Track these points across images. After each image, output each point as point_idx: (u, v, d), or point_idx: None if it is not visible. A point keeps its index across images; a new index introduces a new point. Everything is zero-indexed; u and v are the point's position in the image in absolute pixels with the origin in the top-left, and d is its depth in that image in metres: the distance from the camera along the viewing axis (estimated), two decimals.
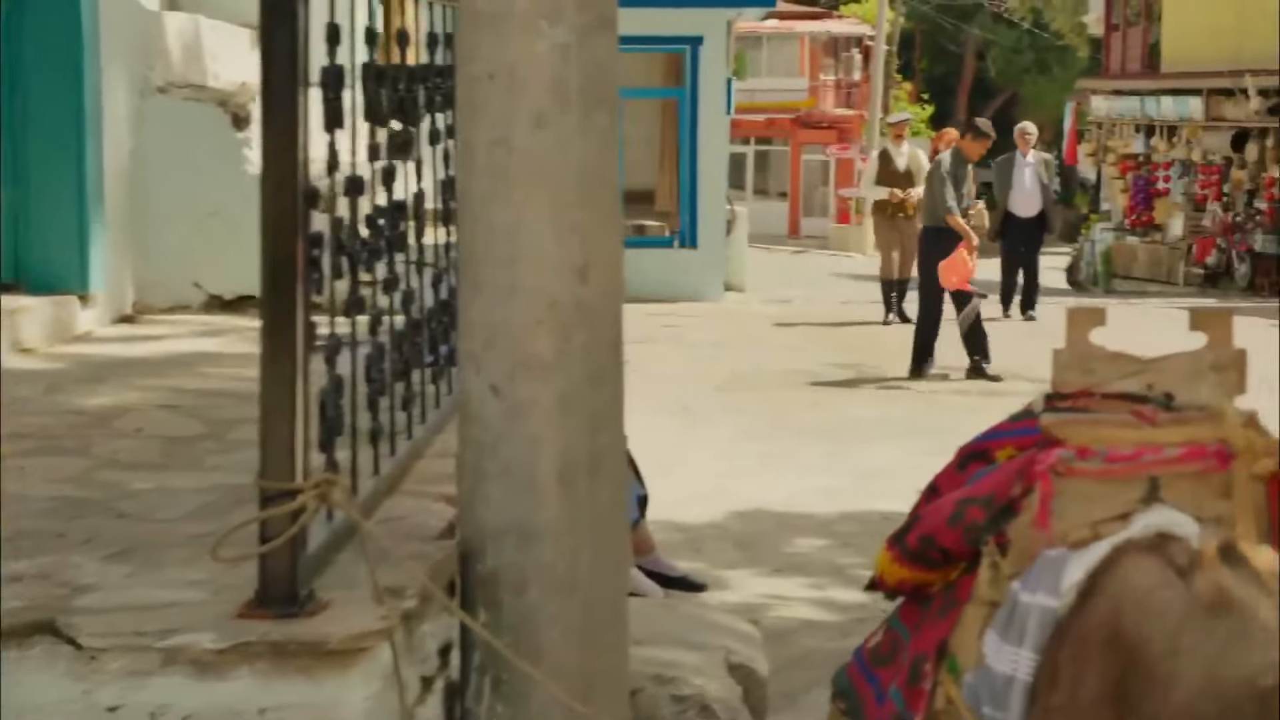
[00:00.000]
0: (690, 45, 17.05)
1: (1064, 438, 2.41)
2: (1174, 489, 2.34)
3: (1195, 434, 2.36)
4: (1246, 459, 2.32)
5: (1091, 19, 33.83)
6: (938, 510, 2.54)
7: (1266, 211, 24.54)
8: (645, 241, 17.76)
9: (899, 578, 2.60)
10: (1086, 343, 2.68)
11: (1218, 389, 2.61)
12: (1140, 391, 2.61)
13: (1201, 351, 2.65)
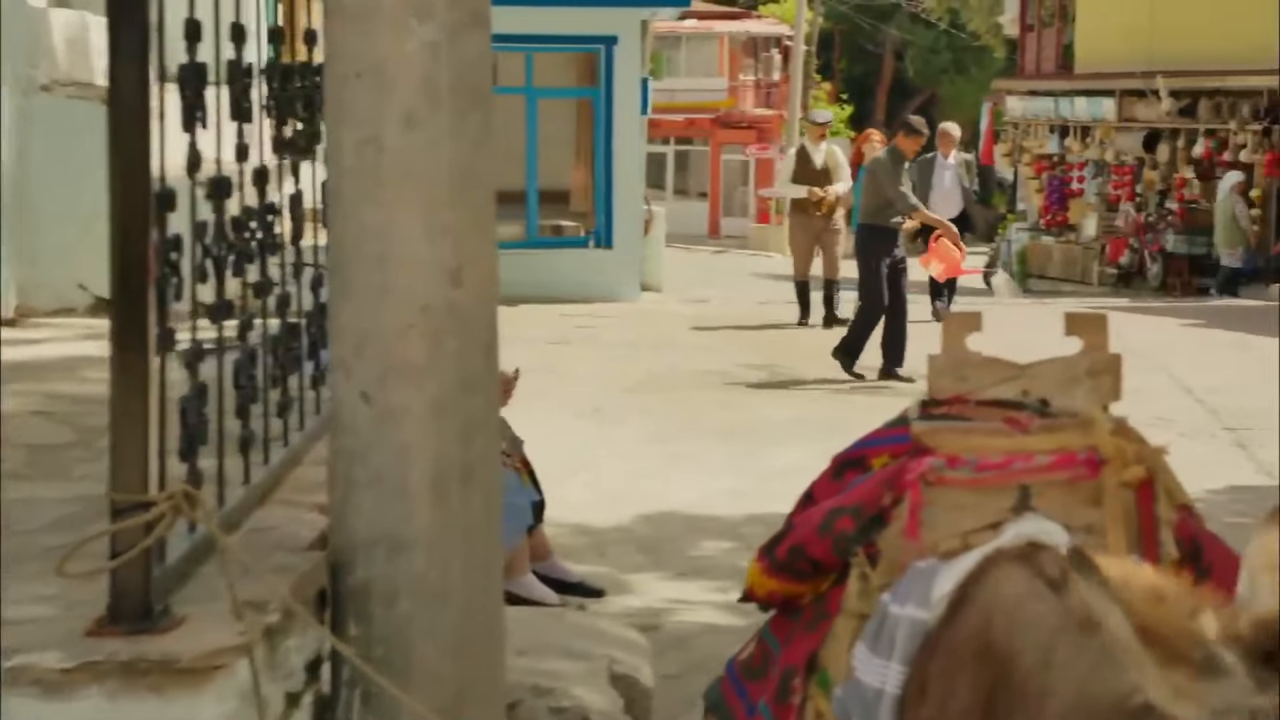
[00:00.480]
0: (605, 45, 16.99)
1: (934, 446, 2.37)
2: (1045, 497, 2.31)
3: (1065, 441, 2.33)
4: (1116, 467, 2.29)
5: (1007, 20, 34.07)
6: (808, 520, 2.50)
7: (1178, 212, 24.79)
8: (561, 242, 17.71)
9: (769, 589, 2.56)
10: (962, 349, 2.65)
11: (1093, 394, 2.59)
12: (1015, 398, 2.59)
13: (1076, 357, 2.63)
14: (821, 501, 2.55)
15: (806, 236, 15.84)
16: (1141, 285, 25.00)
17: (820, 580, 2.47)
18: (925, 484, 2.33)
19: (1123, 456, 2.30)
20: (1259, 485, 8.48)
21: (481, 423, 2.88)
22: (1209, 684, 1.63)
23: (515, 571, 4.85)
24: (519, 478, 4.81)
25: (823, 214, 15.47)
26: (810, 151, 15.81)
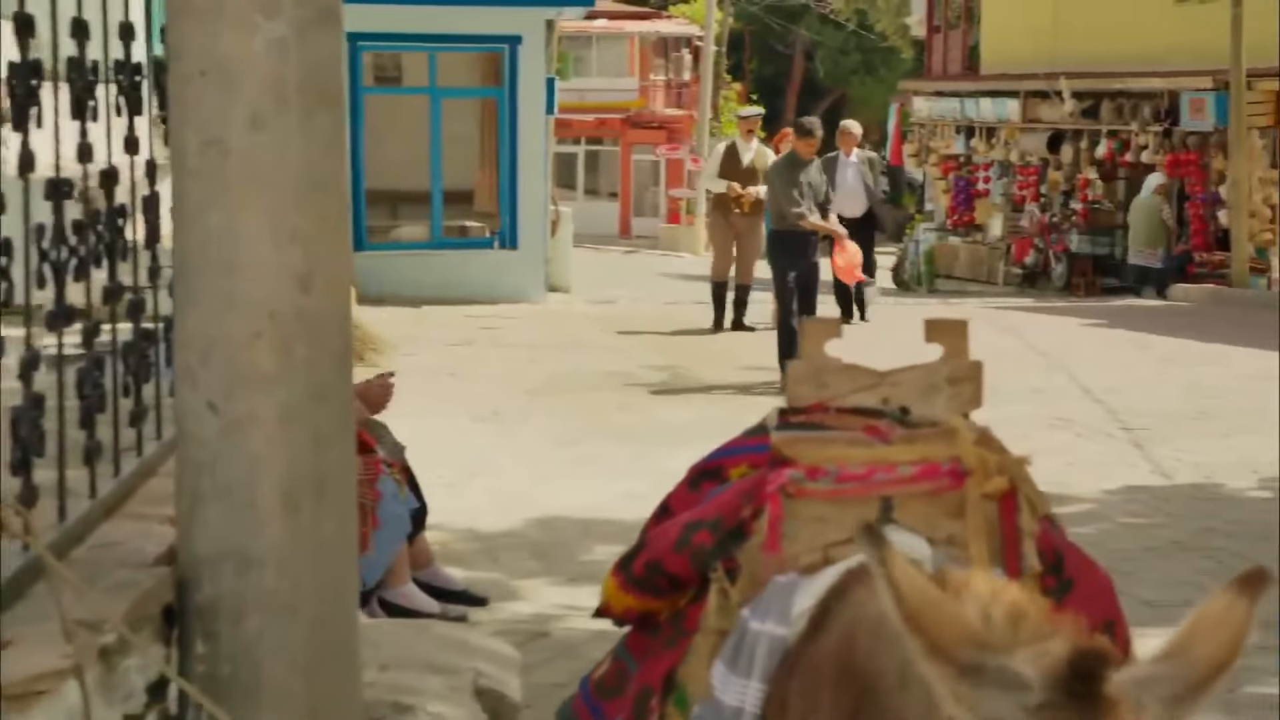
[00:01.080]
0: (509, 45, 16.87)
1: (794, 457, 2.30)
2: (907, 509, 2.24)
3: (928, 452, 2.27)
4: (979, 478, 2.23)
5: (914, 21, 34.27)
6: (664, 534, 2.42)
7: (1081, 212, 24.99)
8: (466, 243, 17.59)
9: (625, 605, 2.48)
10: (822, 355, 2.59)
11: (953, 402, 2.54)
12: (875, 406, 2.53)
13: (937, 364, 2.57)
14: (678, 513, 2.48)
15: (726, 236, 15.44)
16: (1046, 285, 25.19)
17: (678, 596, 2.39)
18: (785, 496, 2.26)
19: (985, 467, 2.24)
20: (1154, 485, 8.52)
21: (334, 432, 2.78)
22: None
23: (395, 580, 4.75)
24: (397, 486, 4.71)
25: (743, 213, 15.03)
26: (740, 149, 15.35)
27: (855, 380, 2.56)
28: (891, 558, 1.66)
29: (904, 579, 1.64)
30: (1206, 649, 1.56)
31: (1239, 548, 7.14)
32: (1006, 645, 1.60)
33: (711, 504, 2.41)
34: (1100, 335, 15.70)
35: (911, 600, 1.62)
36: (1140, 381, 12.12)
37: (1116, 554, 7.11)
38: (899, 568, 1.65)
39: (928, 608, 1.62)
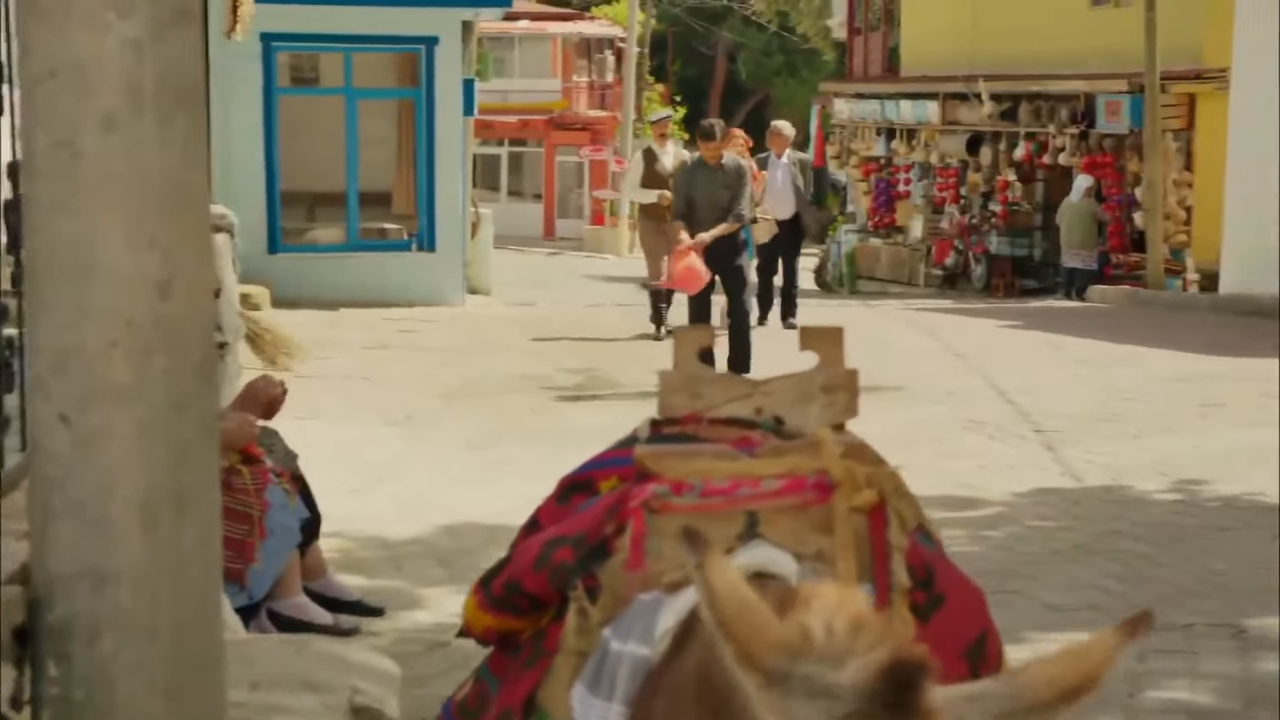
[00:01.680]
0: (425, 45, 16.74)
1: (658, 471, 2.23)
2: (773, 524, 2.18)
3: (794, 465, 2.20)
4: (846, 491, 2.17)
5: (835, 23, 34.36)
6: (526, 552, 2.35)
7: (1000, 214, 25.15)
8: (383, 245, 17.44)
9: (484, 625, 2.40)
10: (695, 364, 2.53)
11: (827, 411, 2.48)
12: (749, 416, 2.46)
13: (811, 373, 2.51)
14: (547, 527, 2.40)
15: (659, 242, 14.82)
16: (966, 286, 25.33)
17: (539, 615, 2.31)
18: (649, 511, 2.19)
19: (853, 480, 2.18)
20: (1063, 487, 8.53)
21: (196, 445, 2.69)
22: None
23: (286, 592, 4.65)
24: (286, 495, 4.60)
25: (665, 219, 14.42)
26: (657, 154, 15.06)
27: (728, 390, 2.50)
28: (710, 563, 1.61)
29: (720, 585, 1.60)
30: (1057, 672, 1.51)
31: (1146, 551, 7.15)
32: (839, 655, 1.56)
33: (573, 520, 2.33)
34: (1016, 337, 15.77)
35: (725, 606, 1.58)
36: (1054, 383, 12.17)
37: (1023, 558, 7.11)
38: (716, 573, 1.61)
39: (742, 614, 1.58)
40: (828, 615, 1.65)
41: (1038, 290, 24.16)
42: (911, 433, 10.19)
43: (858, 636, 1.61)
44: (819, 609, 1.68)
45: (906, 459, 9.47)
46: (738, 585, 1.62)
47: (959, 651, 2.21)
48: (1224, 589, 6.46)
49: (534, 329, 16.01)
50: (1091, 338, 15.18)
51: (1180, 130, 22.11)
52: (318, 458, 9.12)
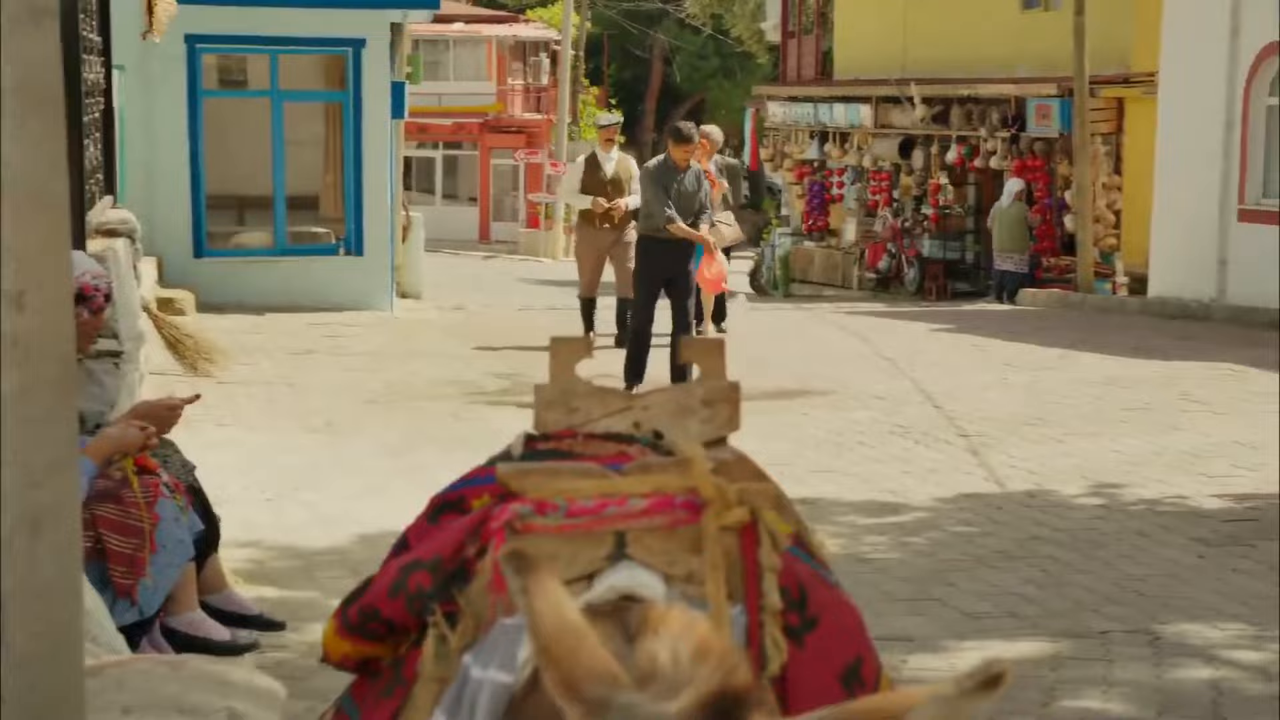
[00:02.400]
0: (352, 48, 16.58)
1: (521, 489, 2.14)
2: (642, 544, 2.09)
3: (662, 483, 2.12)
4: (716, 509, 2.09)
5: (769, 26, 34.38)
6: (384, 575, 2.26)
7: (932, 217, 25.23)
8: (310, 249, 17.27)
9: (342, 652, 2.30)
10: (571, 377, 2.44)
11: (708, 425, 2.39)
12: (627, 431, 2.38)
13: (691, 385, 2.42)
14: (416, 548, 2.31)
15: (594, 251, 14.56)
16: (899, 290, 25.39)
17: (399, 641, 2.22)
18: (512, 532, 2.09)
19: (723, 498, 2.09)
20: (986, 493, 8.50)
21: (55, 464, 2.57)
22: None
23: (180, 607, 4.53)
24: (178, 509, 4.49)
25: (612, 227, 14.19)
26: (600, 159, 14.50)
27: (605, 404, 2.41)
28: (534, 587, 1.54)
29: (545, 610, 1.52)
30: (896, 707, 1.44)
31: (1066, 557, 7.13)
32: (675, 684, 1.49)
33: (431, 543, 2.24)
34: (946, 340, 15.78)
35: (548, 633, 1.51)
36: (981, 387, 12.17)
37: (945, 564, 7.08)
38: (541, 598, 1.53)
39: (565, 641, 1.51)
40: (673, 642, 1.58)
41: (970, 293, 24.24)
42: (839, 438, 10.17)
43: (699, 664, 1.53)
44: (665, 635, 1.61)
45: (833, 464, 9.48)
46: (564, 611, 1.54)
47: (834, 675, 2.13)
48: (1141, 595, 6.44)
49: (462, 333, 15.90)
50: (1020, 341, 15.21)
51: (1109, 134, 22.25)
52: (234, 465, 9.04)
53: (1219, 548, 7.18)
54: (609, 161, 14.48)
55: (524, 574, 1.55)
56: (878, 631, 5.97)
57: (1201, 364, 12.94)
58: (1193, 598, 6.38)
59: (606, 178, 14.35)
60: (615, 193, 14.25)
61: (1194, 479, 8.61)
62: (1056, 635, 5.90)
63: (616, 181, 14.32)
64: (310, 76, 17.81)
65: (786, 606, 2.09)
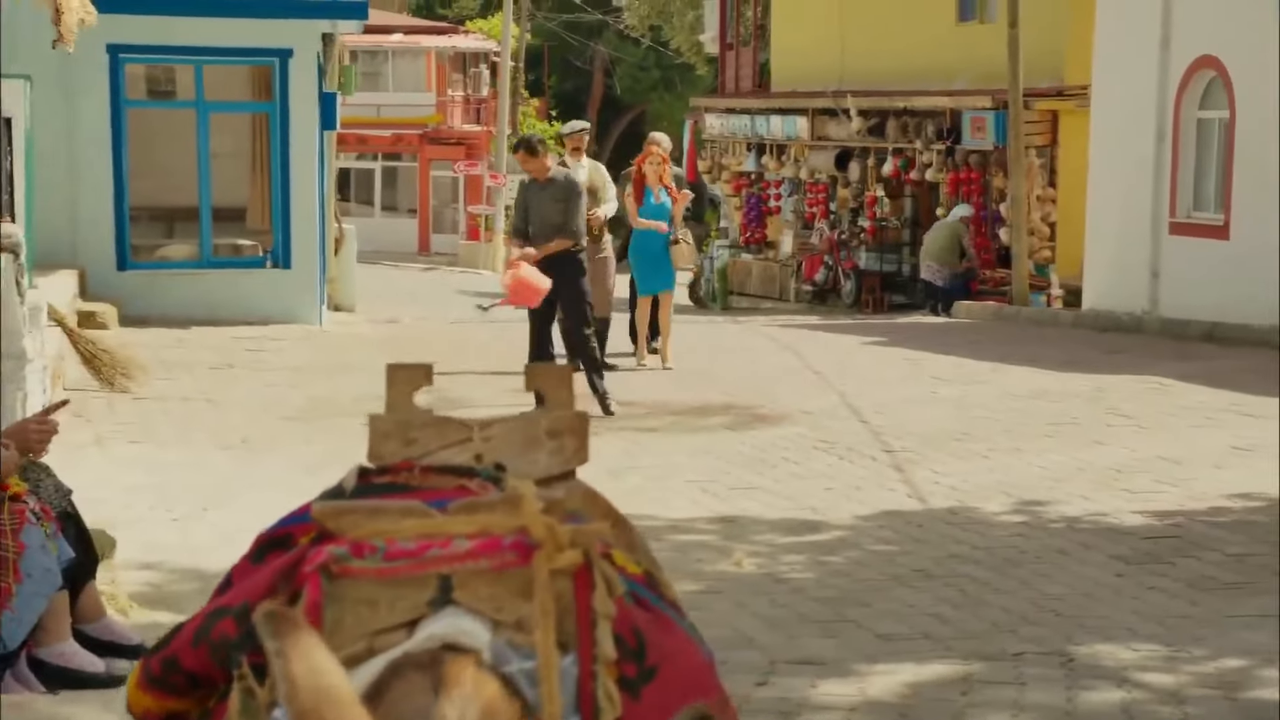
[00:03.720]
0: (279, 58, 16.37)
1: (338, 530, 2.00)
2: (469, 589, 1.95)
3: (489, 523, 1.98)
4: (548, 551, 1.95)
5: (708, 38, 34.34)
6: (192, 621, 2.11)
7: (869, 229, 25.21)
8: (236, 262, 17.04)
9: (144, 706, 2.15)
10: (410, 406, 2.30)
11: (554, 458, 2.26)
12: (468, 464, 2.24)
13: (535, 415, 2.29)
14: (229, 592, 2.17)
15: None
16: (836, 302, 25.36)
17: (205, 695, 2.08)
18: (327, 576, 1.95)
19: (555, 539, 1.96)
20: (907, 510, 8.41)
21: None
22: None
23: (51, 638, 4.35)
24: (46, 536, 4.30)
25: (591, 239, 13.22)
26: (570, 167, 13.55)
27: (444, 435, 2.28)
28: (293, 650, 1.40)
29: (303, 676, 1.39)
30: None
31: (984, 576, 7.03)
32: None
33: (240, 587, 2.09)
34: (878, 354, 15.72)
35: (305, 702, 1.38)
36: (909, 401, 12.10)
37: (861, 584, 6.97)
38: (300, 662, 1.40)
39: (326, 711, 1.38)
40: (462, 704, 1.45)
41: (906, 306, 24.23)
42: (763, 454, 10.06)
43: None
44: (457, 697, 1.48)
45: (756, 481, 9.36)
46: (325, 678, 1.41)
47: None
48: (1058, 615, 6.35)
49: (392, 347, 15.70)
50: (951, 354, 15.15)
51: (1044, 147, 22.29)
52: (142, 484, 8.84)
53: (1138, 565, 7.10)
54: (580, 170, 13.64)
55: (280, 637, 1.41)
56: (789, 655, 5.90)
57: (1130, 377, 12.92)
58: (1109, 617, 6.29)
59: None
60: (590, 203, 13.36)
61: (1116, 495, 8.55)
62: (969, 657, 5.79)
63: (591, 190, 13.52)
64: (237, 87, 17.59)
65: (622, 656, 1.96)
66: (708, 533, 8.06)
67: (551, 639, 1.92)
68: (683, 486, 9.10)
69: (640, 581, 2.16)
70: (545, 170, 11.73)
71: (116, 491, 8.33)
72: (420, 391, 2.38)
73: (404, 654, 1.90)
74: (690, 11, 36.61)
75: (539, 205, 11.68)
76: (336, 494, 2.25)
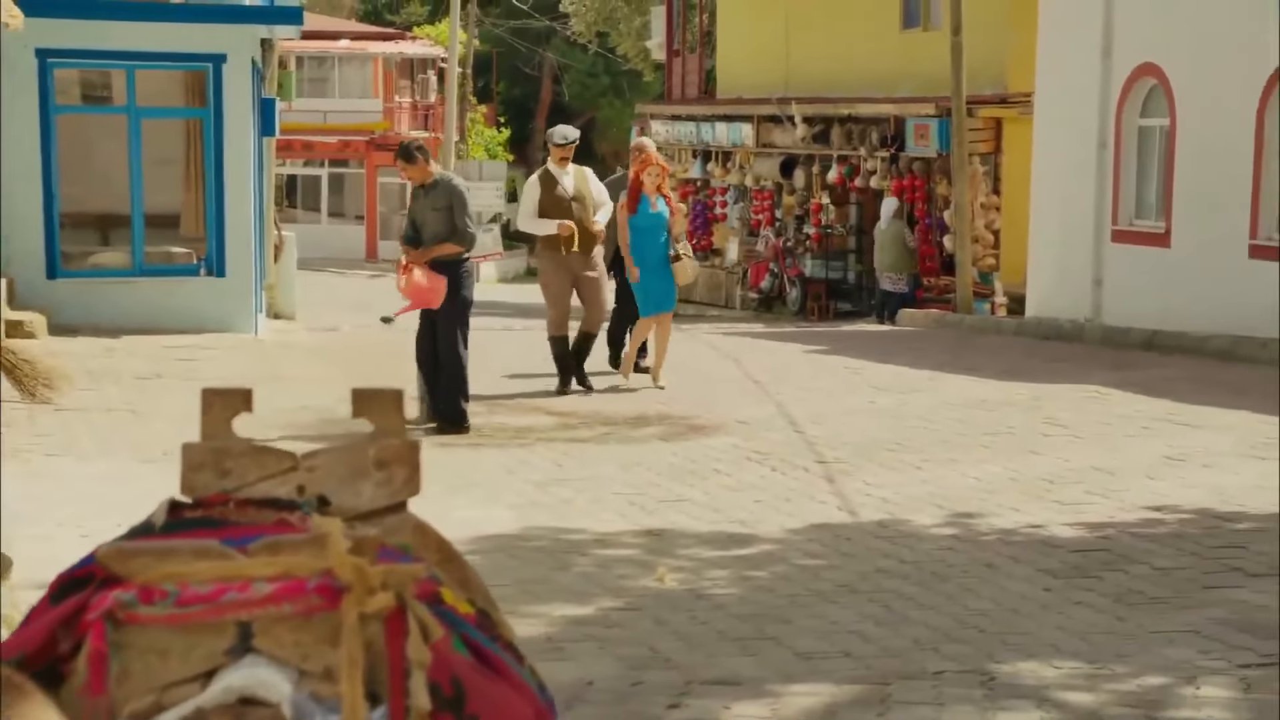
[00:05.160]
0: (213, 64, 16.15)
1: (125, 574, 1.84)
2: (271, 636, 1.80)
3: (292, 564, 1.83)
4: (357, 595, 1.80)
5: (654, 45, 34.23)
6: None
7: (814, 237, 25.15)
8: (170, 270, 16.80)
9: None
10: (228, 434, 2.14)
11: (382, 489, 2.10)
12: (289, 496, 2.08)
13: (362, 444, 2.13)
14: None
15: (563, 281, 12.94)
16: (782, 309, 25.30)
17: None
18: (113, 624, 1.79)
19: (364, 582, 1.80)
20: (836, 522, 8.28)
21: None
22: None
23: None
24: None
25: (581, 252, 12.76)
26: (557, 176, 12.95)
27: (264, 466, 2.11)
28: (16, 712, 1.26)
29: None
30: None
31: (910, 590, 6.90)
32: None
33: (17, 635, 1.93)
34: (818, 362, 15.61)
35: None
36: (846, 411, 11.98)
37: (785, 599, 6.83)
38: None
39: None
40: None
41: (851, 313, 24.17)
42: (696, 465, 9.92)
43: None
44: None
45: (686, 493, 9.19)
46: None
47: None
48: (981, 632, 6.22)
49: (328, 356, 15.50)
50: (892, 363, 15.06)
51: (988, 154, 22.27)
52: (55, 498, 8.62)
53: (1065, 579, 6.98)
54: (566, 178, 12.96)
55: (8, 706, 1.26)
56: (706, 674, 5.75)
57: (1068, 386, 12.84)
58: (1032, 634, 6.16)
59: (567, 195, 12.88)
60: (581, 211, 12.82)
61: (1048, 506, 8.44)
62: (888, 676, 5.65)
63: (580, 199, 12.90)
64: (172, 92, 17.35)
65: (438, 706, 1.81)
66: (633, 547, 7.90)
67: (359, 690, 1.77)
68: (611, 499, 8.95)
69: (472, 622, 2.01)
70: (426, 176, 11.46)
71: (28, 506, 8.11)
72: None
73: (196, 709, 1.75)
74: (637, 18, 36.50)
75: (421, 212, 11.51)
76: (145, 530, 2.08)
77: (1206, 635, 6.04)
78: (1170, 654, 5.83)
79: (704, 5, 30.33)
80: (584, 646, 6.11)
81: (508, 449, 10.68)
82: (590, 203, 12.95)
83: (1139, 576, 7.00)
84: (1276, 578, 6.85)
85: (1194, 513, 8.17)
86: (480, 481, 9.51)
